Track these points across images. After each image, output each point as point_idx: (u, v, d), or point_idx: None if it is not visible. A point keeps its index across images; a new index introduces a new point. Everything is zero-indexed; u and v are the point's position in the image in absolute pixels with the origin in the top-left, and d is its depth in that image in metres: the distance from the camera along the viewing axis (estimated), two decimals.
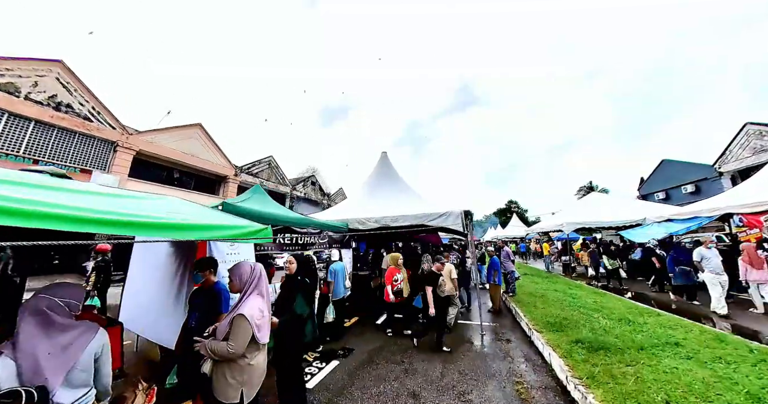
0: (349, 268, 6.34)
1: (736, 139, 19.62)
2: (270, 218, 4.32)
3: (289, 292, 3.22)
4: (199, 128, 15.38)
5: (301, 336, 3.18)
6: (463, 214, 5.54)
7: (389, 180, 8.92)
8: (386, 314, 5.75)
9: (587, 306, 5.96)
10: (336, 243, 5.99)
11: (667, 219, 9.78)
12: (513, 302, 6.73)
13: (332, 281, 5.45)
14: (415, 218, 5.98)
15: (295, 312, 3.14)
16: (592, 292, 7.46)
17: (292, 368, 3.09)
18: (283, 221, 4.57)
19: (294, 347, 3.13)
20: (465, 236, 5.74)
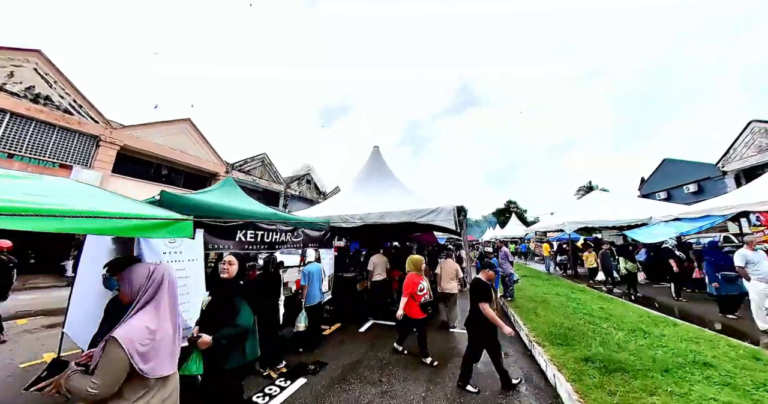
0: (329, 270, 5.67)
1: (740, 137, 18.90)
2: (224, 211, 3.66)
3: (225, 301, 2.55)
4: (188, 123, 14.73)
5: (239, 356, 2.51)
6: (456, 210, 4.88)
7: (380, 176, 8.26)
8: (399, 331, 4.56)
9: (594, 314, 5.28)
10: (314, 242, 5.32)
11: (675, 218, 9.11)
12: (511, 308, 6.05)
13: (306, 285, 4.79)
14: (403, 215, 5.32)
15: (239, 325, 2.48)
16: (597, 297, 6.78)
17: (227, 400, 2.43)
18: (242, 215, 3.90)
19: (229, 371, 2.46)
20: (458, 235, 5.09)
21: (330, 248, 5.78)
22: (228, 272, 2.67)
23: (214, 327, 2.43)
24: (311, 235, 5.32)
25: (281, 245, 4.67)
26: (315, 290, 4.88)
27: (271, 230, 4.46)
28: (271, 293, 4.26)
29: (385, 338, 5.02)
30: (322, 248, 5.54)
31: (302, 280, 4.85)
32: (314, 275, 4.93)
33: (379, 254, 6.35)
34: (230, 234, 3.84)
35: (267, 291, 4.19)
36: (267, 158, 18.27)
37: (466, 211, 4.91)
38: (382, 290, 6.21)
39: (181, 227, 2.04)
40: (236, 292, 2.66)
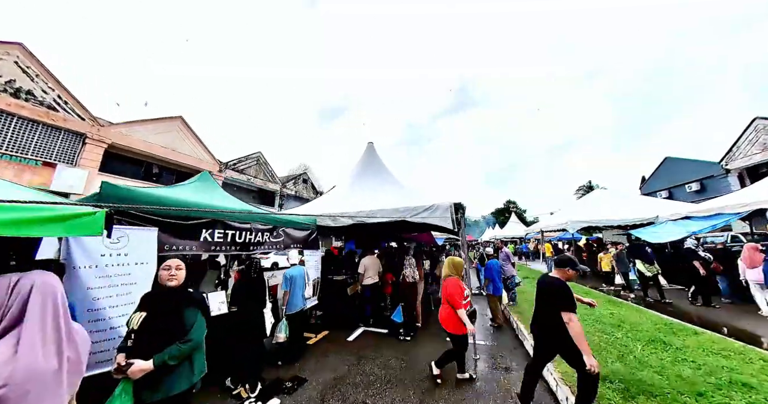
0: (315, 273, 5.17)
1: (744, 134, 18.41)
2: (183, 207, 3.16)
3: (171, 312, 2.04)
4: (180, 121, 14.23)
5: (187, 376, 2.01)
6: (453, 208, 4.37)
7: (374, 173, 7.74)
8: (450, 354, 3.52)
9: (604, 320, 4.77)
10: (297, 243, 4.82)
11: (685, 217, 8.61)
12: (514, 313, 5.54)
13: (287, 290, 4.29)
14: (395, 213, 4.81)
15: (192, 340, 2.01)
16: (605, 300, 6.25)
17: None
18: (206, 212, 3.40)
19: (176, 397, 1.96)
20: (456, 234, 4.58)
21: (316, 249, 5.28)
22: (177, 279, 2.16)
23: (156, 346, 1.93)
24: (294, 235, 4.82)
25: (257, 247, 4.16)
26: (297, 297, 4.39)
27: (244, 229, 3.96)
28: (255, 300, 3.77)
29: (375, 348, 4.51)
30: (307, 249, 5.04)
31: (283, 285, 4.34)
32: (297, 280, 4.43)
33: (370, 255, 5.84)
34: (192, 233, 3.33)
35: (250, 298, 3.70)
36: (262, 157, 17.77)
37: (464, 209, 4.40)
38: (373, 294, 5.70)
39: (87, 222, 1.53)
40: (187, 301, 2.16)
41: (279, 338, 4.09)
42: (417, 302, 5.25)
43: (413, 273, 4.98)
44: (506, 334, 4.89)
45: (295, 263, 4.63)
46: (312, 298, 5.05)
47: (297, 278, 4.44)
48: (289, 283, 4.33)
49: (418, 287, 5.32)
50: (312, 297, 5.09)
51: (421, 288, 5.49)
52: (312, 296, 5.08)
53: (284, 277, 4.38)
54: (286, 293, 4.30)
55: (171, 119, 13.96)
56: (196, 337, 2.04)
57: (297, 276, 4.44)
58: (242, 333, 3.59)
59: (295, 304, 4.33)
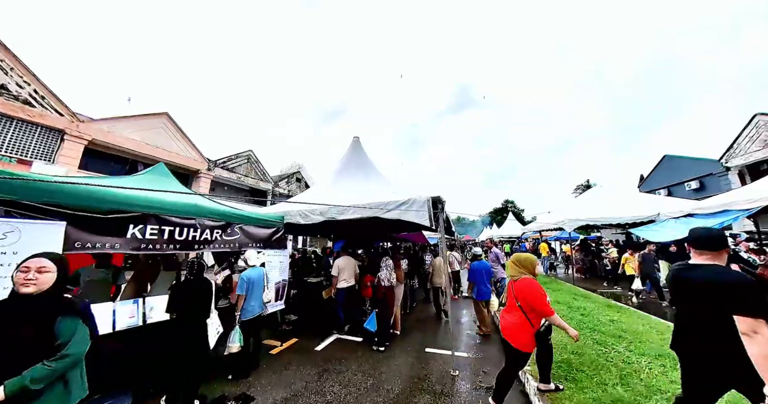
0: (281, 275, 4.60)
1: (744, 131, 17.80)
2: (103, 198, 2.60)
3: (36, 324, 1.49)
4: (166, 117, 13.67)
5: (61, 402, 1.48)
6: (431, 202, 3.80)
7: (357, 168, 7.19)
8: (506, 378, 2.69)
9: (603, 329, 4.18)
10: (258, 242, 4.25)
11: (688, 214, 8.02)
12: None
13: (243, 294, 3.72)
14: (367, 209, 4.24)
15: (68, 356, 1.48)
16: (604, 305, 5.66)
17: None
18: (136, 205, 2.84)
19: None
20: (434, 231, 4.01)
21: (282, 248, 4.70)
22: (36, 284, 1.59)
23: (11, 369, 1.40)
24: (254, 233, 4.24)
25: (205, 245, 3.58)
26: (253, 301, 3.83)
27: (186, 225, 3.39)
28: (198, 305, 3.21)
29: (344, 359, 3.94)
30: (270, 248, 4.46)
31: (239, 288, 3.77)
32: (255, 283, 3.88)
33: (346, 255, 5.27)
34: (114, 228, 2.77)
35: (192, 303, 3.15)
36: (253, 155, 17.20)
37: (443, 203, 3.82)
38: (349, 299, 5.12)
39: None
40: (60, 310, 1.62)
41: (231, 348, 3.53)
42: (394, 308, 4.68)
43: (389, 276, 4.40)
44: (493, 345, 4.30)
45: (254, 264, 4.07)
46: (275, 303, 4.48)
47: (255, 281, 3.89)
48: (246, 286, 3.77)
49: (396, 292, 4.75)
50: (277, 302, 4.52)
51: (399, 292, 4.91)
52: (277, 301, 4.52)
53: (240, 279, 3.83)
54: (241, 298, 3.74)
55: (156, 115, 13.41)
56: (74, 352, 1.56)
57: (255, 279, 3.89)
58: (180, 344, 3.04)
59: (251, 309, 3.78)
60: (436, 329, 5.12)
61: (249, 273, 3.89)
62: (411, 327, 5.14)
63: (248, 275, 3.86)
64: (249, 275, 3.86)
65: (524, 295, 2.52)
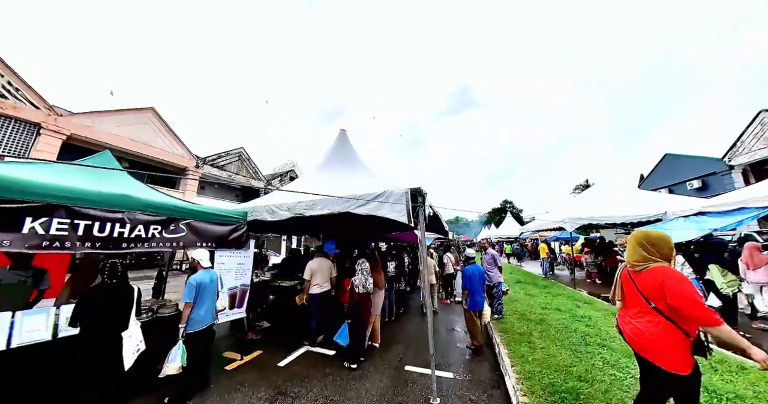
0: (238, 280, 3.95)
1: (749, 128, 17.15)
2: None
3: None
4: (152, 112, 13.05)
5: None
6: (409, 195, 3.15)
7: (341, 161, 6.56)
8: None
9: (615, 346, 3.51)
10: (211, 241, 3.60)
11: (699, 213, 7.37)
12: (498, 331, 4.29)
13: (190, 302, 3.08)
14: (339, 203, 3.59)
15: None
16: (609, 313, 4.98)
17: None
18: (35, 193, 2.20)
19: None
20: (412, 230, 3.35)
21: (244, 248, 4.05)
22: None
23: None
24: (206, 230, 3.59)
25: (138, 244, 2.94)
26: (204, 310, 3.18)
27: (112, 219, 2.75)
28: (113, 318, 2.58)
29: (308, 379, 3.30)
30: (226, 248, 3.82)
31: (186, 295, 3.12)
32: (206, 289, 3.23)
33: (320, 257, 4.62)
34: (3, 222, 2.15)
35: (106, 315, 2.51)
36: (245, 153, 16.57)
37: (424, 196, 3.17)
38: (323, 306, 4.46)
39: None
40: None
41: (169, 369, 2.88)
42: (371, 317, 4.03)
43: (364, 281, 3.74)
44: (484, 363, 3.62)
45: (208, 266, 3.42)
46: (231, 311, 3.83)
47: (206, 287, 3.24)
48: (195, 293, 3.13)
49: (374, 299, 4.10)
50: (233, 310, 3.87)
51: (379, 299, 4.25)
52: (233, 308, 3.87)
53: (188, 285, 3.17)
54: (188, 306, 3.09)
55: (141, 110, 12.79)
56: None
57: (206, 284, 3.24)
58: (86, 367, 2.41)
59: (200, 320, 3.14)
60: (422, 341, 4.46)
61: (199, 277, 3.24)
62: (393, 338, 4.49)
63: (198, 280, 3.21)
64: (199, 280, 3.21)
65: (668, 292, 1.64)
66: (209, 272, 3.40)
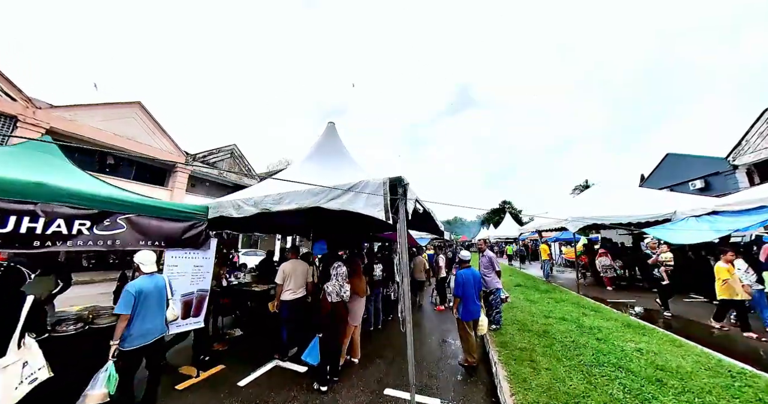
0: (195, 285, 3.37)
1: (754, 127, 16.54)
2: None
3: None
4: (139, 107, 12.47)
5: None
6: (387, 186, 2.57)
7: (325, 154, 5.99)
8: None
9: (634, 367, 2.93)
10: (159, 240, 3.03)
11: (712, 212, 6.79)
12: (496, 345, 3.71)
13: (126, 314, 2.51)
14: (308, 196, 3.02)
15: None
16: (622, 324, 4.38)
17: None
18: None
19: None
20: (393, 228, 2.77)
21: (202, 249, 3.47)
22: None
23: None
24: (152, 227, 3.01)
25: (56, 241, 2.38)
26: (146, 323, 2.62)
27: (18, 211, 2.19)
28: None
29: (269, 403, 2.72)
30: (179, 248, 3.24)
31: (120, 306, 2.55)
32: (149, 298, 2.67)
33: (295, 258, 4.04)
34: None
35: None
36: (237, 150, 15.99)
37: (405, 187, 2.59)
38: (296, 314, 3.88)
39: None
40: None
41: (89, 400, 2.30)
42: (348, 330, 3.45)
43: (338, 289, 3.16)
44: (479, 386, 3.04)
45: (152, 270, 2.84)
46: (186, 321, 3.26)
47: (149, 295, 2.67)
48: (133, 303, 2.55)
49: (352, 308, 3.52)
50: (188, 319, 3.30)
51: (359, 308, 3.66)
52: (188, 318, 3.30)
53: (124, 294, 2.60)
54: (123, 319, 2.51)
55: (127, 104, 12.21)
56: None
57: (148, 292, 2.67)
58: None
59: (141, 334, 2.57)
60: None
61: (139, 284, 2.67)
62: (376, 352, 3.90)
63: (137, 287, 2.64)
64: (139, 287, 2.64)
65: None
66: (154, 277, 2.83)
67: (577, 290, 7.50)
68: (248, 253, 13.78)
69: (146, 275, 2.74)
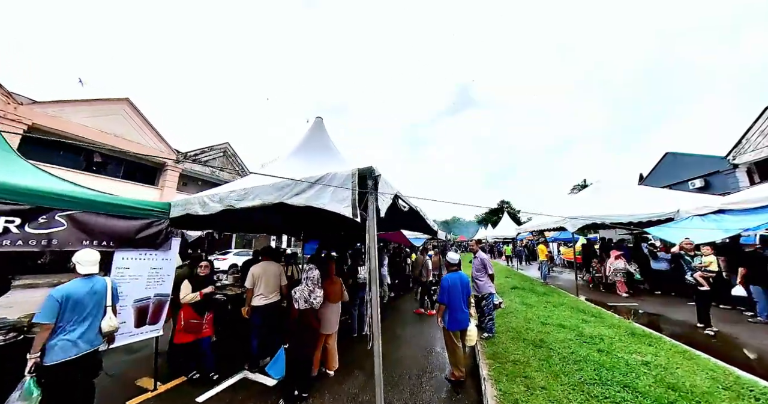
0: (152, 288, 3.01)
1: (755, 125, 16.23)
2: None
3: None
4: (127, 103, 12.09)
5: None
6: (356, 177, 2.21)
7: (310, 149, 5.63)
8: None
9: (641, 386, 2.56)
10: (107, 239, 2.66)
11: (718, 211, 6.43)
12: (487, 357, 3.34)
13: (49, 323, 2.14)
14: (272, 191, 2.65)
15: None
16: (625, 332, 4.00)
17: None
18: None
19: None
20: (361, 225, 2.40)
21: (161, 249, 3.11)
22: None
23: None
24: (99, 225, 2.66)
25: None
26: (75, 333, 2.26)
27: None
28: None
29: None
30: (133, 249, 2.88)
31: (41, 314, 2.17)
32: (80, 304, 2.31)
33: (267, 260, 3.67)
34: None
35: None
36: (230, 149, 15.61)
37: (376, 179, 2.23)
38: (269, 320, 3.51)
39: None
40: None
41: None
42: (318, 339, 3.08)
43: (307, 294, 2.80)
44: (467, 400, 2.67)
45: (90, 272, 2.45)
46: (139, 329, 2.89)
47: (81, 301, 2.30)
48: (58, 310, 2.18)
49: (324, 316, 3.15)
50: (143, 327, 2.93)
51: (332, 314, 3.27)
52: (143, 326, 2.93)
53: (47, 299, 2.22)
54: (45, 329, 2.14)
55: (115, 100, 11.83)
56: None
57: (80, 297, 2.30)
58: None
59: (68, 347, 2.20)
60: (392, 366, 3.51)
61: (68, 288, 2.29)
62: (355, 362, 3.53)
63: (65, 292, 2.26)
64: (67, 292, 2.26)
65: None
66: (92, 280, 2.44)
67: (576, 293, 7.13)
68: (240, 253, 13.41)
69: (81, 277, 2.36)
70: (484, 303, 4.02)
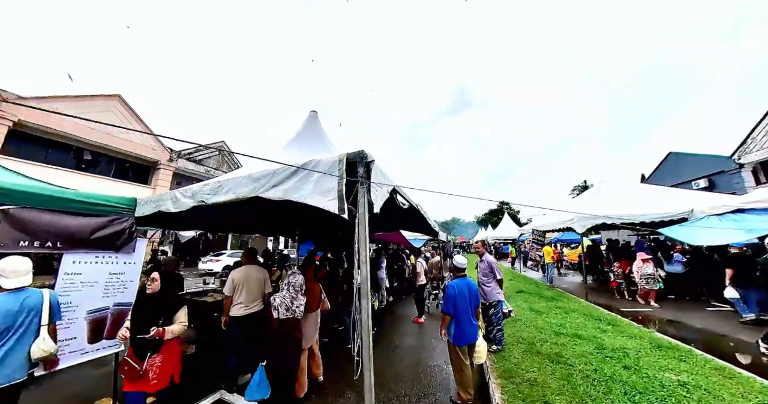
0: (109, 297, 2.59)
1: (760, 124, 15.95)
2: None
3: None
4: (118, 100, 11.69)
5: None
6: (344, 165, 1.79)
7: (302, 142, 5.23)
8: None
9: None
10: (50, 239, 2.24)
11: (737, 210, 6.02)
12: (497, 377, 2.91)
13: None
14: (247, 184, 2.23)
15: None
16: (651, 344, 3.56)
17: None
18: None
19: None
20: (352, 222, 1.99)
21: (123, 252, 2.69)
22: None
23: None
24: (43, 222, 2.24)
25: None
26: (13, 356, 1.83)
27: None
28: None
29: None
30: (86, 250, 2.46)
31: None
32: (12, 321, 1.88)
33: (250, 264, 3.25)
34: None
35: None
36: (226, 147, 15.21)
37: (368, 163, 1.82)
38: (249, 333, 3.08)
39: None
40: None
41: None
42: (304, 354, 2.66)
43: (288, 302, 2.38)
44: None
45: (19, 285, 2.01)
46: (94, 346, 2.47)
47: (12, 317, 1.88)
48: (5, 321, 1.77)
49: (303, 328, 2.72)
50: (98, 342, 2.50)
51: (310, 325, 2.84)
52: (98, 341, 2.51)
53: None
54: None
55: (106, 97, 11.43)
56: None
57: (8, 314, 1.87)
58: None
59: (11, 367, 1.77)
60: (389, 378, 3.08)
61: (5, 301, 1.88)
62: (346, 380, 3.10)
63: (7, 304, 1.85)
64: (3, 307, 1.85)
65: None
66: (21, 294, 1.97)
67: (585, 297, 6.70)
68: (235, 255, 12.97)
69: (6, 292, 1.92)
70: (492, 312, 3.59)
